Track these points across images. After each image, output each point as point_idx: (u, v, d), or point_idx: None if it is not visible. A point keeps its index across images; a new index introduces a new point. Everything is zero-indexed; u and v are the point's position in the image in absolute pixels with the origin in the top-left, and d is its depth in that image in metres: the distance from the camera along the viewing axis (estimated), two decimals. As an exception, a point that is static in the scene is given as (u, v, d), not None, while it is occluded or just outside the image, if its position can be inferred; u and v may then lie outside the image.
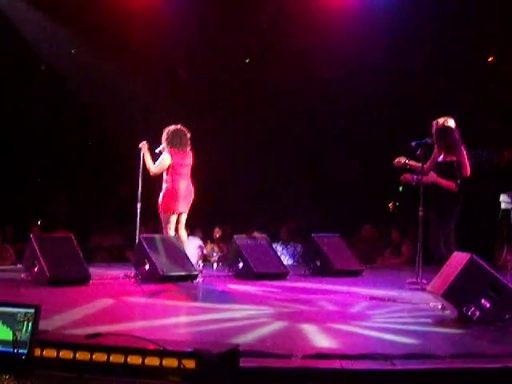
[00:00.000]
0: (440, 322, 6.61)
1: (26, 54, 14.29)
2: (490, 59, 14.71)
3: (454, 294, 6.46)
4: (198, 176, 10.74)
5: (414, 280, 9.15)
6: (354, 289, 8.95)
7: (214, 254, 12.47)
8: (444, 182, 8.79)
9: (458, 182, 8.72)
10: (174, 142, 9.98)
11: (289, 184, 15.28)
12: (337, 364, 4.74)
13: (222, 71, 15.04)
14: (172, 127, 10.07)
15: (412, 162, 9.14)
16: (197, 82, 15.20)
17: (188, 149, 10.11)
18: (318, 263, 10.54)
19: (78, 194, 15.44)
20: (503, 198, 9.51)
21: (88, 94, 14.67)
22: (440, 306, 7.12)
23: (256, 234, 11.58)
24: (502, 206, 9.53)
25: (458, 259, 6.83)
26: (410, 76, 14.10)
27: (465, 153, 8.89)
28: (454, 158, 8.76)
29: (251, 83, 15.12)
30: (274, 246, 13.11)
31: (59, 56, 14.73)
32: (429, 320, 6.69)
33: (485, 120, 13.39)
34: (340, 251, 10.71)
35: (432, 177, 8.91)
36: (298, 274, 10.53)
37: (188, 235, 12.83)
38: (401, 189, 12.63)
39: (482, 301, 6.25)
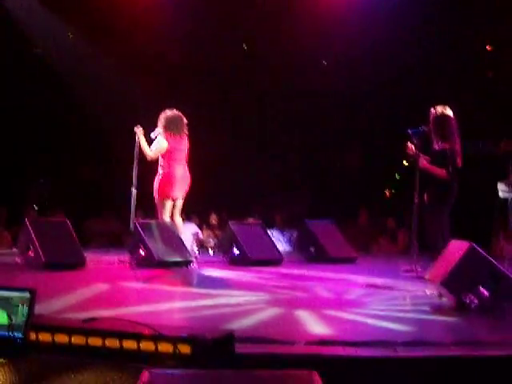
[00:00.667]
0: (438, 309, 6.62)
1: (20, 41, 14.27)
2: (488, 48, 14.70)
3: (453, 282, 6.48)
4: (195, 162, 10.70)
5: (409, 268, 9.17)
6: (350, 276, 8.95)
7: (211, 240, 12.50)
8: (435, 169, 8.80)
9: (450, 169, 8.70)
10: (171, 127, 9.88)
11: (285, 170, 15.30)
12: (339, 350, 4.75)
13: (219, 60, 15.01)
14: (168, 112, 9.96)
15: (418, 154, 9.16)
16: (194, 70, 15.14)
17: (184, 134, 10.03)
18: (313, 250, 10.55)
19: (75, 179, 15.42)
20: (501, 186, 9.50)
21: (83, 83, 14.64)
22: (437, 294, 7.14)
23: (251, 220, 11.58)
24: (500, 194, 9.53)
25: (457, 248, 6.85)
26: (408, 65, 14.07)
27: (458, 142, 8.89)
28: (447, 146, 8.76)
29: (251, 71, 15.09)
30: (270, 232, 13.18)
31: (54, 46, 14.69)
32: (427, 308, 6.69)
33: (482, 110, 13.41)
34: (333, 237, 10.73)
35: (423, 163, 8.93)
36: (293, 260, 10.54)
37: (184, 221, 12.88)
38: (398, 176, 12.68)
39: (481, 289, 6.27)
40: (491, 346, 5.00)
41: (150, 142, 9.95)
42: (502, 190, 9.51)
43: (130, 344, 4.05)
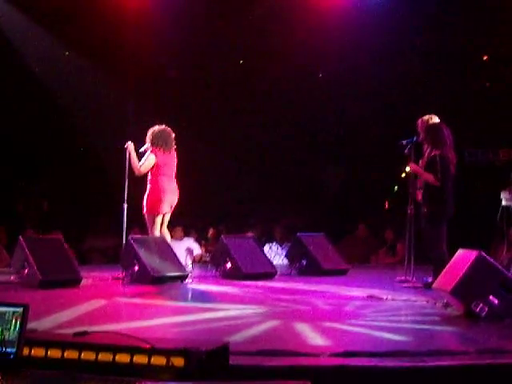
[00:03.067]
0: (446, 319, 6.68)
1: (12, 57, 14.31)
2: (485, 58, 14.78)
3: (463, 290, 6.54)
4: (194, 178, 10.73)
5: (403, 278, 9.20)
6: (347, 288, 8.96)
7: (208, 255, 12.51)
8: (424, 174, 8.86)
9: (439, 176, 8.72)
10: (159, 143, 9.93)
11: (283, 184, 15.33)
12: (340, 361, 4.76)
13: (213, 72, 15.05)
14: (156, 127, 10.02)
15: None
16: (189, 83, 15.18)
17: (173, 149, 10.06)
18: (304, 262, 10.57)
19: (75, 195, 15.42)
20: (504, 194, 9.56)
21: (76, 98, 14.68)
22: (442, 304, 7.17)
23: (250, 234, 11.60)
24: (503, 202, 9.59)
25: (465, 256, 6.90)
26: (404, 75, 14.13)
27: (452, 150, 8.92)
28: (438, 152, 8.79)
29: (244, 84, 15.13)
30: (269, 245, 13.22)
31: (46, 59, 14.72)
32: (435, 318, 6.73)
33: (481, 120, 13.47)
34: (325, 250, 10.77)
35: (413, 166, 8.99)
36: (285, 273, 10.57)
37: (183, 236, 12.91)
38: (396, 188, 12.72)
39: (490, 297, 6.34)
40: (503, 354, 5.02)
41: (139, 156, 9.98)
42: (505, 198, 9.56)
43: (123, 358, 4.02)
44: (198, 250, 13.19)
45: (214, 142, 15.11)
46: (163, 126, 10.07)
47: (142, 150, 9.98)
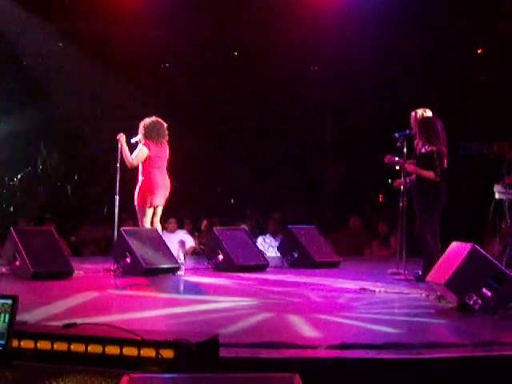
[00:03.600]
0: (440, 312, 6.71)
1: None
2: (479, 51, 14.80)
3: (457, 283, 6.57)
4: (189, 170, 10.71)
5: (395, 270, 9.22)
6: (339, 280, 8.96)
7: (201, 247, 12.51)
8: (424, 172, 8.84)
9: (438, 171, 8.74)
10: (152, 135, 9.91)
11: (277, 177, 15.34)
12: (328, 353, 4.79)
13: (208, 65, 15.03)
14: (148, 119, 9.99)
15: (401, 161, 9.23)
16: (184, 76, 15.17)
17: (165, 141, 10.05)
18: (296, 255, 10.56)
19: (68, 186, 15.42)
20: (497, 188, 9.60)
21: (70, 89, 14.65)
22: (435, 296, 7.20)
23: (242, 227, 11.59)
24: (496, 196, 9.63)
25: (459, 249, 6.92)
26: (398, 68, 14.14)
27: (445, 144, 8.93)
28: (434, 148, 8.79)
29: (239, 78, 15.12)
30: (262, 237, 13.20)
31: (41, 53, 14.70)
32: (429, 310, 6.77)
33: (475, 114, 13.49)
34: (317, 243, 10.74)
35: (411, 167, 8.98)
36: (277, 265, 10.55)
37: (177, 228, 12.90)
38: (390, 181, 12.71)
39: (484, 290, 6.39)
40: (498, 345, 5.07)
41: (130, 148, 9.97)
42: (498, 191, 9.60)
43: (112, 350, 4.03)
44: (191, 242, 13.17)
45: (209, 134, 15.11)
46: (154, 118, 10.04)
47: (133, 141, 9.96)
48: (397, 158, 9.28)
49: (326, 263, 10.47)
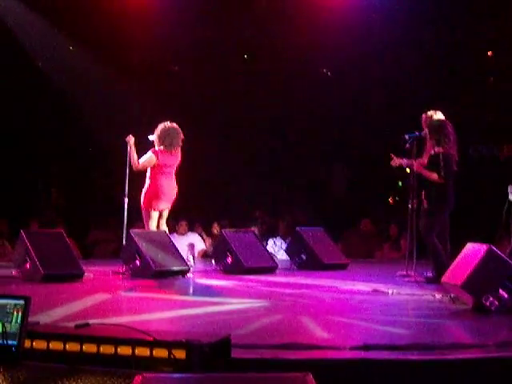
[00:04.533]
0: (456, 313, 6.71)
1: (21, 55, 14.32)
2: (489, 53, 14.77)
3: (473, 284, 6.57)
4: (198, 172, 10.65)
5: (404, 273, 9.21)
6: (350, 282, 8.95)
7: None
8: (427, 173, 8.86)
9: (442, 173, 8.72)
10: (164, 142, 9.95)
11: (288, 179, 15.35)
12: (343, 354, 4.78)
13: (217, 69, 15.04)
14: (168, 124, 10.03)
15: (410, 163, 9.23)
16: (193, 79, 15.17)
17: (176, 149, 10.06)
18: (304, 257, 10.57)
19: (78, 189, 15.44)
20: (510, 189, 9.60)
21: (79, 92, 14.68)
22: (449, 298, 7.19)
23: (250, 229, 11.59)
24: (510, 197, 9.62)
25: (474, 250, 6.93)
26: (408, 70, 14.10)
27: (455, 146, 8.91)
28: (441, 150, 8.78)
29: (248, 80, 15.13)
30: (272, 240, 13.21)
31: (49, 54, 14.74)
32: (444, 312, 6.76)
33: (485, 115, 13.46)
34: (325, 245, 10.77)
35: (416, 166, 8.98)
36: (285, 267, 10.54)
37: (187, 231, 12.92)
38: (400, 184, 12.73)
39: (500, 291, 6.38)
40: (506, 346, 5.04)
41: (148, 143, 10.00)
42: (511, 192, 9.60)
43: (124, 350, 4.02)
44: (202, 244, 13.19)
45: (220, 136, 15.15)
46: (171, 124, 10.06)
47: (150, 138, 10.04)
48: (405, 160, 9.26)
49: (334, 265, 10.48)
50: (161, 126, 10.04)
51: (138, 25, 14.03)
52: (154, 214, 9.95)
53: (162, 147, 9.95)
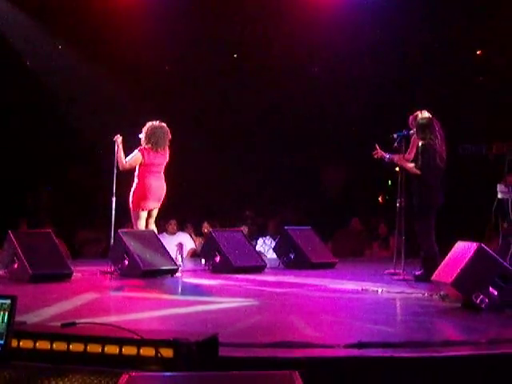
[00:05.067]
0: (447, 311, 6.76)
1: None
2: (478, 52, 14.81)
3: (463, 282, 6.61)
4: (188, 172, 10.59)
5: (392, 271, 9.23)
6: (339, 281, 8.97)
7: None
8: (406, 165, 8.96)
9: (419, 164, 8.79)
10: (151, 141, 9.95)
11: (278, 179, 15.35)
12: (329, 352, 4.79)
13: (206, 67, 15.03)
14: (155, 123, 10.04)
15: (393, 157, 9.25)
16: (184, 77, 15.15)
17: (164, 148, 10.06)
18: (292, 256, 10.58)
19: (66, 189, 15.40)
20: (500, 187, 9.65)
21: (67, 92, 14.66)
22: (438, 296, 7.22)
23: (238, 228, 11.59)
24: (499, 195, 9.67)
25: (464, 248, 6.96)
26: (397, 69, 14.13)
27: (443, 144, 8.93)
28: (421, 142, 8.83)
29: (239, 78, 15.12)
30: (262, 239, 13.21)
31: (38, 53, 14.70)
32: (435, 310, 6.81)
33: (474, 114, 13.50)
34: (313, 244, 10.78)
35: (397, 158, 9.02)
36: (273, 266, 10.55)
37: (177, 230, 12.92)
38: (390, 183, 12.77)
39: (490, 289, 6.44)
40: (499, 343, 5.08)
41: (136, 142, 10.03)
42: (501, 191, 9.63)
43: (111, 349, 4.01)
44: (191, 244, 13.18)
45: (210, 135, 15.13)
46: (158, 123, 10.07)
47: (140, 136, 10.04)
48: (387, 154, 9.27)
49: (322, 264, 10.50)
50: (148, 125, 10.05)
51: (128, 23, 13.99)
52: (143, 214, 9.95)
53: (148, 146, 9.94)
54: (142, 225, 9.93)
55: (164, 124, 10.08)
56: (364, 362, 4.64)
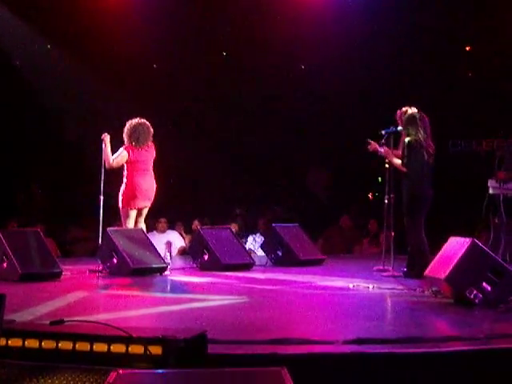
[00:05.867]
0: (440, 306, 6.77)
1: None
2: (467, 48, 14.85)
3: (457, 277, 6.64)
4: (178, 170, 10.54)
5: (381, 267, 9.24)
6: (329, 278, 8.99)
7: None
8: (394, 160, 8.98)
9: (405, 161, 8.78)
10: (132, 138, 9.96)
11: (266, 176, 15.37)
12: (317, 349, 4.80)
13: (196, 69, 15.03)
14: (134, 121, 10.04)
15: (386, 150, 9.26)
16: (173, 76, 15.13)
17: (148, 144, 10.06)
18: (280, 253, 10.59)
19: (55, 188, 15.37)
20: (491, 183, 9.70)
21: (55, 90, 14.62)
22: (430, 292, 7.25)
23: (226, 226, 11.59)
24: (490, 190, 9.72)
25: (458, 244, 6.99)
26: (385, 65, 14.14)
27: (429, 139, 8.95)
28: (408, 139, 8.82)
29: (229, 77, 15.11)
30: (252, 237, 13.22)
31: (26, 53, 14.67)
32: (428, 305, 6.83)
33: (464, 110, 13.52)
34: (301, 241, 10.77)
35: (384, 151, 9.02)
36: (261, 263, 10.53)
37: (167, 229, 12.92)
38: (380, 180, 12.78)
39: (484, 284, 6.46)
40: (497, 338, 5.11)
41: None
42: (492, 186, 9.68)
43: (100, 347, 4.03)
44: (181, 242, 13.19)
45: (201, 134, 15.13)
46: (138, 121, 10.06)
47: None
48: (382, 149, 9.24)
49: (310, 261, 10.50)
50: (128, 124, 10.05)
51: (117, 21, 13.98)
52: (132, 213, 9.96)
53: (131, 144, 9.96)
54: (131, 224, 9.93)
55: (144, 120, 10.08)
56: (364, 358, 4.64)
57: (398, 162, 8.92)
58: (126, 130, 10.01)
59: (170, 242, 12.00)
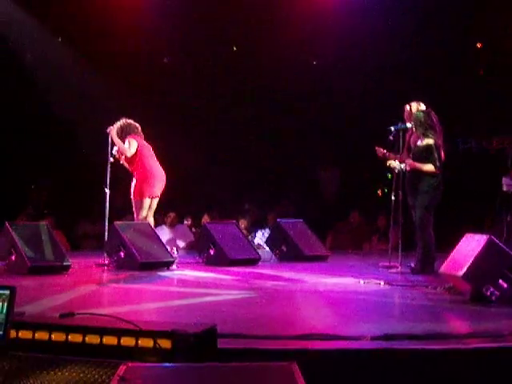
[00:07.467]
0: (456, 303, 6.71)
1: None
2: (478, 46, 14.80)
3: (474, 274, 6.58)
4: (188, 164, 10.49)
5: (387, 264, 9.21)
6: (337, 274, 9.00)
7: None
8: (423, 166, 8.82)
9: (437, 164, 8.73)
10: (131, 128, 10.07)
11: (278, 172, 15.36)
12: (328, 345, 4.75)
13: (204, 61, 15.01)
14: (117, 124, 10.09)
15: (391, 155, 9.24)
16: (180, 71, 15.12)
17: (135, 137, 10.14)
18: (285, 248, 10.60)
19: (65, 182, 15.38)
20: (505, 180, 9.66)
21: (61, 86, 14.62)
22: (443, 289, 7.23)
23: (241, 221, 11.61)
24: (504, 188, 9.68)
25: (474, 241, 6.94)
26: (396, 62, 14.10)
27: (441, 136, 8.92)
28: (431, 141, 8.78)
29: (238, 74, 15.10)
30: (261, 232, 13.23)
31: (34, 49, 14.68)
32: (444, 302, 6.80)
33: (474, 108, 13.48)
34: (305, 236, 10.81)
35: (410, 163, 8.92)
36: (265, 259, 10.52)
37: (177, 223, 12.96)
38: (390, 176, 12.75)
39: (500, 281, 6.42)
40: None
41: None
42: (506, 184, 9.64)
43: (110, 340, 4.02)
44: (191, 236, 13.20)
45: (210, 129, 15.12)
46: (128, 120, 10.18)
47: (114, 152, 10.03)
48: (406, 166, 9.18)
49: (315, 257, 10.52)
50: (118, 123, 10.15)
51: (126, 16, 13.96)
52: (146, 203, 9.92)
53: (134, 131, 10.10)
54: (143, 215, 9.91)
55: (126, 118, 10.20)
56: (392, 354, 4.60)
57: (427, 167, 8.80)
58: (120, 127, 10.08)
59: (178, 235, 12.08)
